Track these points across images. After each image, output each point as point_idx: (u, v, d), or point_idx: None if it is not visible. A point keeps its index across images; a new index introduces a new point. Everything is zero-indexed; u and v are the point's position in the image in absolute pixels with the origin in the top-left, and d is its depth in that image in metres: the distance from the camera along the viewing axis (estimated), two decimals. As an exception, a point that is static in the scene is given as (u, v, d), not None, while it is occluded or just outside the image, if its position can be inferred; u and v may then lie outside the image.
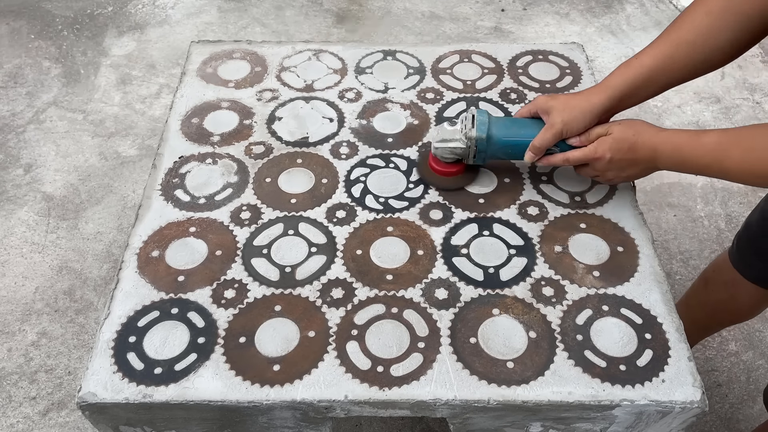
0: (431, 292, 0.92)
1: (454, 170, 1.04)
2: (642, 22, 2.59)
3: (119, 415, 0.83)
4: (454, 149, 1.00)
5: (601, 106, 0.92)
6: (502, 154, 1.00)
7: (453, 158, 1.02)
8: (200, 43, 1.34)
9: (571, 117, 0.92)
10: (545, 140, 0.94)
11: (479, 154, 1.00)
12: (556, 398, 0.81)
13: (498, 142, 0.98)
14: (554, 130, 0.93)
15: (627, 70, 0.92)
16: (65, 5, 2.65)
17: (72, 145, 2.09)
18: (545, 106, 0.95)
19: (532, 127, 0.97)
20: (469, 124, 0.98)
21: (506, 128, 0.98)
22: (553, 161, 0.97)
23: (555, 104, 0.94)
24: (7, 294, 1.70)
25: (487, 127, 0.97)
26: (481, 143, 0.98)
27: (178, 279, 0.93)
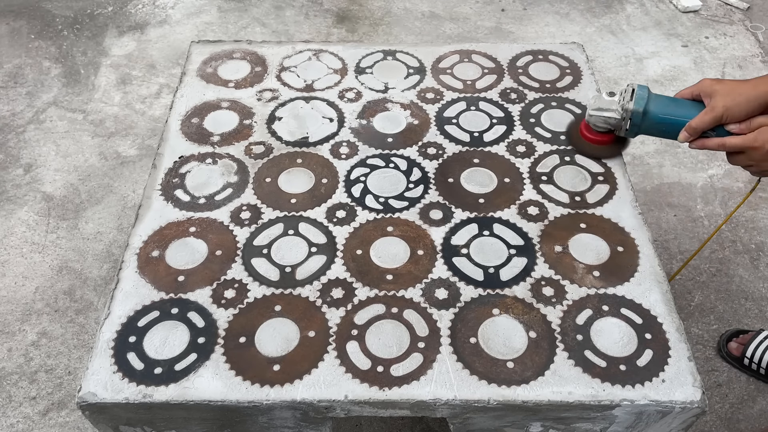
0: (431, 292, 0.92)
1: (604, 139, 1.06)
2: (642, 22, 2.59)
3: (119, 415, 0.83)
4: (608, 119, 1.02)
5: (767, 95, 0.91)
6: (656, 130, 1.01)
7: (605, 128, 1.04)
8: (200, 43, 1.34)
9: (735, 103, 0.92)
10: (703, 122, 0.94)
11: (632, 127, 1.01)
12: (556, 398, 0.81)
13: (654, 118, 0.99)
14: (714, 114, 0.93)
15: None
16: (65, 5, 2.65)
17: (72, 145, 2.09)
18: (709, 90, 0.95)
19: (690, 108, 0.98)
20: (628, 96, 1.00)
21: (664, 106, 0.99)
22: (708, 145, 0.96)
23: (719, 88, 0.94)
24: (7, 294, 1.70)
25: (645, 102, 0.99)
26: (636, 116, 0.99)
27: (178, 279, 0.93)
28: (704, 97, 0.96)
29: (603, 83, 2.26)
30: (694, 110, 0.97)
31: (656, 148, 2.07)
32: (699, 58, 2.44)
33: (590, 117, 1.04)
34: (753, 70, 2.38)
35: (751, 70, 2.38)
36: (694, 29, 2.57)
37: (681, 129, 0.98)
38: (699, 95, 0.98)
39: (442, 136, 1.15)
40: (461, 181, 1.07)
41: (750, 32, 2.57)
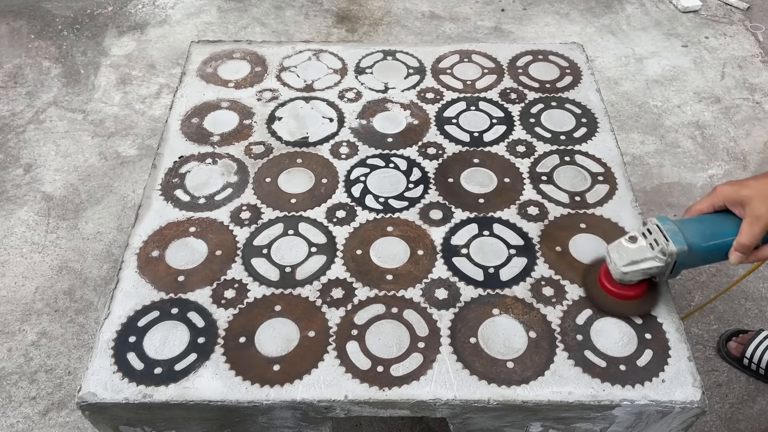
0: (431, 292, 0.92)
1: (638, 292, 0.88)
2: (642, 22, 2.59)
3: (119, 415, 0.83)
4: (648, 269, 0.85)
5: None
6: (702, 261, 0.87)
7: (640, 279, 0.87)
8: (200, 43, 1.34)
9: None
10: (754, 236, 0.81)
11: (676, 268, 0.86)
12: (556, 398, 0.81)
13: (698, 250, 0.84)
14: (762, 223, 0.80)
15: None
16: (65, 5, 2.65)
17: (72, 145, 2.09)
18: (736, 198, 0.83)
19: (726, 223, 0.85)
20: (661, 237, 0.84)
21: (702, 233, 0.85)
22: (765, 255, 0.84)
23: (751, 193, 0.81)
24: (7, 294, 1.70)
25: (683, 237, 0.83)
26: (682, 256, 0.83)
27: (178, 279, 0.93)
28: (733, 207, 0.84)
29: (603, 83, 2.26)
30: (732, 225, 0.84)
31: (656, 148, 2.07)
32: (699, 58, 2.44)
33: (626, 275, 0.85)
34: (753, 70, 2.38)
35: (751, 70, 2.38)
36: (694, 29, 2.57)
37: (727, 250, 0.84)
38: (723, 206, 0.85)
39: (442, 136, 1.15)
40: (461, 181, 1.07)
41: (750, 32, 2.57)
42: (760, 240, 0.82)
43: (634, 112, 2.18)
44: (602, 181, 1.07)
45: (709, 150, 2.08)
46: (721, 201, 0.85)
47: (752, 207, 0.81)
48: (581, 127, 1.17)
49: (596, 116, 1.19)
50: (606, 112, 1.20)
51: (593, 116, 1.19)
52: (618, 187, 1.07)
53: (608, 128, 1.17)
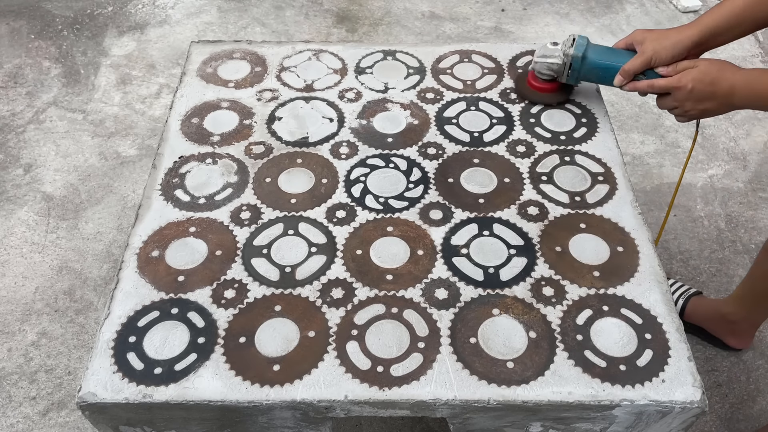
0: (431, 292, 0.92)
1: (548, 87, 1.16)
2: (642, 22, 2.59)
3: (119, 415, 0.83)
4: (551, 65, 1.11)
5: (691, 40, 1.00)
6: (593, 75, 1.11)
7: (549, 75, 1.14)
8: (200, 43, 1.34)
9: (662, 46, 1.01)
10: (635, 65, 1.03)
11: (573, 73, 1.11)
12: (556, 398, 0.81)
13: (591, 63, 1.09)
14: (644, 57, 1.02)
15: (720, 9, 1.01)
16: (65, 5, 2.65)
17: (72, 145, 2.09)
18: (640, 37, 1.04)
19: (624, 55, 1.07)
20: (569, 43, 1.09)
21: (601, 53, 1.09)
22: (639, 86, 1.04)
23: (649, 35, 1.03)
24: (7, 294, 1.70)
25: (584, 49, 1.09)
26: (576, 62, 1.09)
27: (178, 279, 0.93)
28: (636, 45, 1.05)
29: (603, 83, 2.26)
30: (628, 57, 1.06)
31: (656, 148, 2.07)
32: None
33: (536, 64, 1.13)
34: (753, 70, 2.38)
35: (751, 70, 2.38)
36: (694, 29, 2.57)
37: (615, 74, 1.06)
38: (632, 44, 1.06)
39: (442, 136, 1.15)
40: (461, 181, 1.07)
41: (750, 32, 2.56)
42: (640, 71, 1.04)
43: (634, 112, 2.18)
44: (602, 181, 1.07)
45: (708, 150, 2.08)
46: (631, 39, 1.06)
47: (644, 45, 1.03)
48: (581, 127, 1.17)
49: (596, 116, 1.19)
50: (606, 112, 1.20)
51: (593, 116, 1.19)
52: (618, 187, 1.07)
53: (608, 128, 1.17)
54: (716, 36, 1.02)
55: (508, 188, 1.06)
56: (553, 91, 1.17)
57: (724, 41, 1.04)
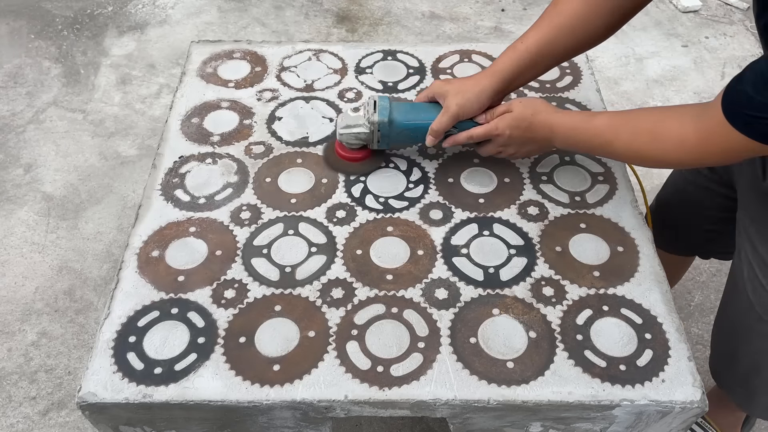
0: (431, 292, 0.92)
1: (360, 156, 1.07)
2: (642, 22, 2.59)
3: (119, 415, 0.83)
4: (358, 134, 1.03)
5: (491, 89, 0.98)
6: (405, 137, 1.04)
7: (358, 144, 1.05)
8: (200, 43, 1.34)
9: (465, 100, 0.98)
10: (443, 123, 0.99)
11: (383, 138, 1.03)
12: (556, 398, 0.81)
13: (399, 126, 1.02)
14: (450, 113, 0.98)
15: (513, 54, 0.98)
16: (65, 5, 2.65)
17: (72, 145, 2.09)
18: (440, 91, 1.00)
19: (431, 111, 1.01)
20: (371, 109, 1.02)
21: (407, 112, 1.02)
22: (459, 140, 1.02)
23: (450, 89, 0.99)
24: (7, 294, 1.70)
25: (389, 112, 1.01)
26: (383, 127, 1.01)
27: (178, 279, 0.93)
28: (438, 98, 1.01)
29: (603, 83, 2.26)
30: (435, 112, 1.00)
31: (656, 148, 2.07)
32: (699, 58, 2.44)
33: (341, 136, 1.04)
34: (753, 70, 2.38)
35: (751, 70, 2.38)
36: (694, 29, 2.57)
37: (425, 132, 1.01)
38: (434, 97, 1.02)
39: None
40: (461, 181, 1.07)
41: (750, 32, 2.57)
42: (448, 127, 1.00)
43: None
44: (602, 181, 1.07)
45: (709, 150, 2.08)
46: (432, 93, 1.02)
47: (447, 100, 0.99)
48: (581, 127, 1.17)
49: (596, 116, 1.19)
50: (606, 112, 1.20)
51: (593, 116, 1.19)
52: (618, 187, 1.07)
53: (608, 128, 1.17)
54: (513, 81, 0.99)
55: (508, 188, 1.06)
56: (366, 158, 1.08)
57: (522, 83, 1.02)
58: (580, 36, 0.97)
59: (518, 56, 0.98)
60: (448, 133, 1.02)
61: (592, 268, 0.95)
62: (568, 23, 0.95)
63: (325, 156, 1.10)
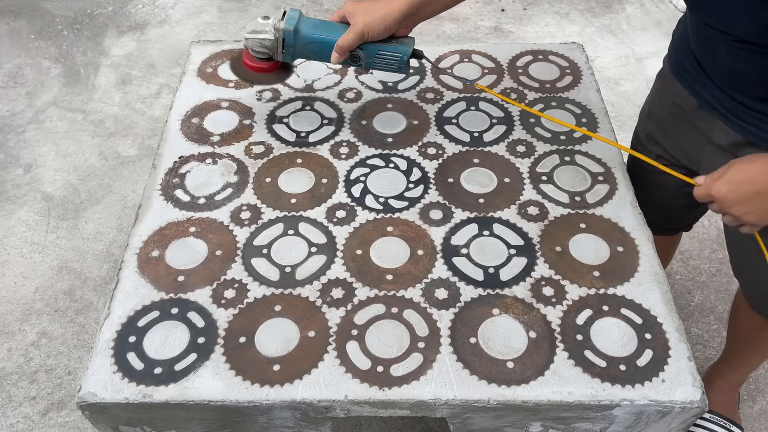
0: (431, 292, 0.92)
1: (265, 67, 1.06)
2: (642, 22, 2.59)
3: (119, 415, 0.83)
4: (263, 41, 1.01)
5: (399, 12, 0.98)
6: (310, 51, 1.02)
7: (263, 52, 1.03)
8: (200, 43, 1.34)
9: (372, 18, 0.97)
10: (348, 40, 0.98)
11: (287, 49, 1.02)
12: (556, 398, 0.81)
13: (305, 38, 1.01)
14: (356, 30, 0.98)
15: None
16: (65, 5, 2.65)
17: (72, 145, 2.09)
18: (351, 10, 1.00)
19: (339, 29, 1.01)
20: (280, 17, 1.01)
21: (314, 27, 1.01)
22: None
23: (359, 7, 0.99)
24: (7, 294, 1.70)
25: (296, 22, 1.00)
26: (288, 36, 1.00)
27: (178, 279, 0.93)
28: (348, 18, 1.00)
29: (603, 83, 2.26)
30: (342, 31, 1.00)
31: (656, 148, 2.07)
32: (699, 58, 2.43)
33: (247, 41, 1.03)
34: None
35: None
36: (694, 29, 2.57)
37: (330, 48, 1.00)
38: (345, 17, 1.02)
39: (442, 136, 1.15)
40: (461, 181, 1.07)
41: (750, 32, 2.56)
42: (354, 45, 0.99)
43: (634, 112, 2.18)
44: (602, 181, 1.07)
45: (709, 150, 2.08)
46: (343, 12, 1.02)
47: (354, 18, 0.99)
48: (581, 126, 1.17)
49: (596, 116, 1.19)
50: (606, 112, 1.20)
51: (593, 116, 1.19)
52: (618, 187, 1.07)
53: (608, 128, 1.17)
54: (423, 7, 0.99)
55: (508, 188, 1.06)
56: (271, 71, 1.08)
57: (433, 12, 1.01)
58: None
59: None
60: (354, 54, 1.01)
61: (592, 268, 0.95)
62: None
63: (232, 65, 1.11)
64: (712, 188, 0.85)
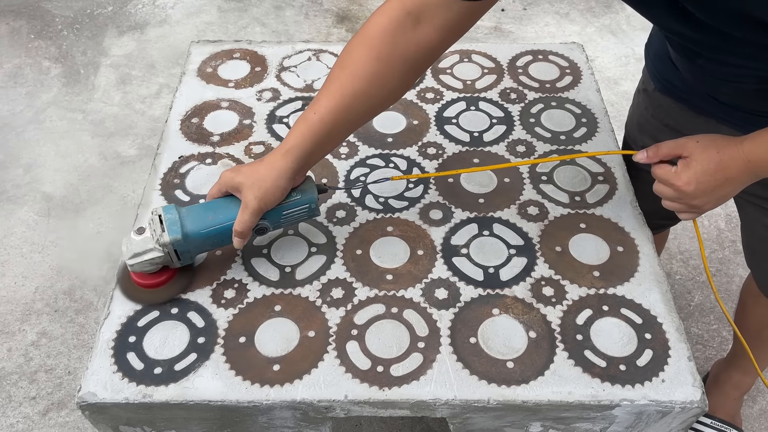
0: (431, 292, 0.92)
1: (164, 278, 0.89)
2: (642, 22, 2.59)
3: (119, 415, 0.83)
4: (152, 260, 0.85)
5: (288, 170, 0.85)
6: (209, 245, 0.89)
7: (156, 267, 0.87)
8: (200, 43, 1.34)
9: (263, 192, 0.84)
10: (246, 223, 0.85)
11: (183, 255, 0.87)
12: (556, 398, 0.81)
13: (198, 237, 0.86)
14: (250, 210, 0.84)
15: (308, 129, 0.85)
16: (65, 5, 2.65)
17: (72, 145, 2.09)
18: (233, 184, 0.86)
19: (229, 208, 0.86)
20: (158, 228, 0.84)
21: (202, 219, 0.86)
22: None
23: (243, 180, 0.85)
24: (7, 294, 1.70)
25: (180, 226, 0.84)
26: (178, 244, 0.85)
27: (178, 279, 0.93)
28: (234, 192, 0.87)
29: (603, 83, 2.26)
30: (234, 209, 0.85)
31: (656, 148, 2.07)
32: (699, 58, 2.43)
33: (132, 266, 0.85)
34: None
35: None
36: (694, 29, 2.57)
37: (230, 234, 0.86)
38: (227, 191, 0.88)
39: (442, 136, 1.15)
40: (461, 181, 1.07)
41: (750, 32, 2.56)
42: (253, 225, 0.85)
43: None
44: (602, 181, 1.07)
45: (709, 150, 2.08)
46: (224, 187, 0.87)
47: (244, 194, 0.84)
48: (581, 127, 1.17)
49: (596, 116, 1.19)
50: (606, 112, 1.20)
51: (593, 116, 1.19)
52: (618, 187, 1.07)
53: (608, 128, 1.17)
54: (311, 157, 0.86)
55: (508, 188, 1.06)
56: (171, 279, 0.90)
57: (322, 156, 0.90)
58: (378, 98, 0.87)
59: (312, 129, 0.85)
60: (259, 227, 0.88)
61: (592, 268, 0.95)
62: (364, 88, 0.84)
63: (123, 288, 0.91)
64: (678, 180, 0.83)
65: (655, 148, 0.87)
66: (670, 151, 0.85)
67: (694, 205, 0.85)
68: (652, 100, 1.10)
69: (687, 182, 0.83)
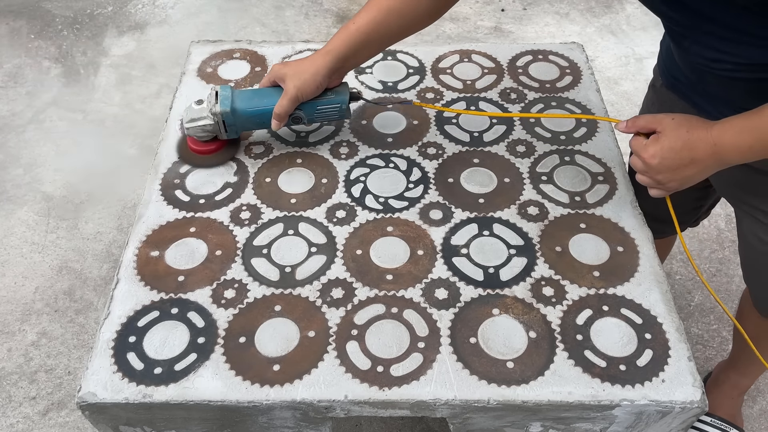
0: (431, 292, 0.92)
1: (213, 147, 1.07)
2: (642, 22, 2.59)
3: (119, 415, 0.83)
4: (204, 126, 1.03)
5: (326, 68, 1.00)
6: (251, 124, 1.05)
7: (208, 135, 1.05)
8: (200, 42, 1.34)
9: (302, 81, 0.99)
10: (284, 107, 1.00)
11: (229, 128, 1.04)
12: (556, 398, 0.81)
13: (243, 114, 1.03)
14: (289, 96, 1.00)
15: (347, 35, 1.00)
16: (65, 5, 2.65)
17: (72, 145, 2.09)
18: (279, 74, 1.02)
19: (272, 95, 1.03)
20: (213, 100, 1.02)
21: (249, 100, 1.03)
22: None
23: (287, 71, 1.01)
24: (7, 294, 1.70)
25: (231, 101, 1.02)
26: (227, 117, 1.02)
27: (178, 279, 0.93)
28: (279, 82, 1.02)
29: (603, 83, 2.26)
30: (277, 97, 1.01)
31: (656, 148, 2.07)
32: (699, 58, 2.43)
33: (188, 130, 1.04)
34: (753, 70, 2.38)
35: (751, 70, 2.38)
36: (694, 29, 2.57)
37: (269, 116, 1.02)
38: (275, 81, 1.03)
39: (442, 136, 1.15)
40: (461, 181, 1.07)
41: (750, 32, 2.56)
42: (290, 110, 1.01)
43: (634, 112, 2.18)
44: (602, 181, 1.07)
45: (709, 150, 2.08)
46: (273, 77, 1.04)
47: (286, 83, 1.00)
48: (581, 127, 1.17)
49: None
50: (606, 112, 1.20)
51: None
52: (618, 187, 1.07)
53: (608, 128, 1.17)
54: (348, 60, 1.02)
55: (508, 188, 1.06)
56: (220, 149, 1.08)
57: (357, 62, 1.05)
58: (409, 18, 1.00)
59: (351, 36, 1.00)
60: (295, 116, 1.03)
61: (592, 268, 0.95)
62: (396, 6, 0.99)
63: (180, 152, 1.10)
64: (645, 152, 0.87)
65: (634, 120, 0.91)
66: (647, 124, 0.89)
67: (658, 180, 0.88)
68: (659, 96, 1.11)
69: (652, 155, 0.86)
